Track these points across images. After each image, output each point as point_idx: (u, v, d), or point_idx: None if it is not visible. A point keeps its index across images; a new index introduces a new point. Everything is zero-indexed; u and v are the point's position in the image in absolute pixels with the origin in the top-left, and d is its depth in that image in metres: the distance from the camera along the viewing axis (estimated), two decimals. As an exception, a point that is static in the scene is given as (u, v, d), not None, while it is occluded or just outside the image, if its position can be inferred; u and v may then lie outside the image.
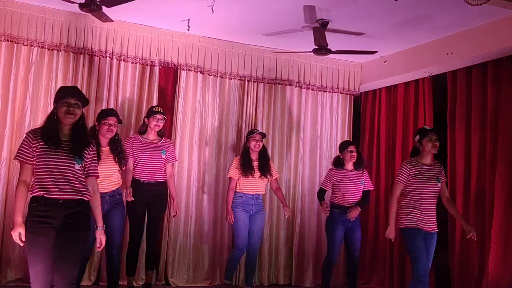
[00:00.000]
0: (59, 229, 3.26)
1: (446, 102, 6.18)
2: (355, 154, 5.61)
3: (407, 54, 6.50)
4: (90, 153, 3.47)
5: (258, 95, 6.79)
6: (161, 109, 5.35)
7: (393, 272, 6.60)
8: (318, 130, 7.09)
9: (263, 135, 5.79)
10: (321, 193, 5.75)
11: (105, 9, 4.82)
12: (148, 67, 6.24)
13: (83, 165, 3.40)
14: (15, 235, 3.21)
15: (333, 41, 5.57)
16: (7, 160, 5.56)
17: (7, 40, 5.59)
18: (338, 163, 5.70)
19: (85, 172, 3.43)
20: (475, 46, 5.59)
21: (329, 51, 5.67)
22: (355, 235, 5.56)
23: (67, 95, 3.40)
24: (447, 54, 5.88)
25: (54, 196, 3.26)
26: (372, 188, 5.92)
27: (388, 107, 7.08)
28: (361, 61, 7.19)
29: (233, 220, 5.53)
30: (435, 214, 4.63)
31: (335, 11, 5.29)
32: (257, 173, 5.64)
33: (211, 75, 6.53)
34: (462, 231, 5.81)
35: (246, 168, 5.59)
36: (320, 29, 5.44)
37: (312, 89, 7.09)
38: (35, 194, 3.28)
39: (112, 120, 4.70)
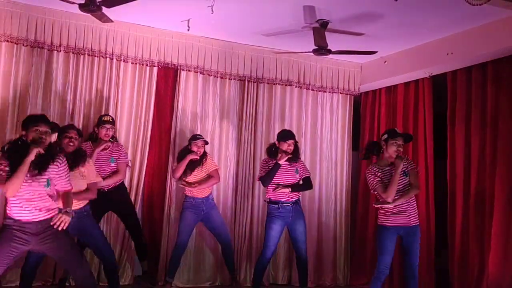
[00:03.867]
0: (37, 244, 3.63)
1: (446, 102, 6.18)
2: (292, 148, 5.27)
3: (407, 54, 6.50)
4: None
5: (258, 95, 6.79)
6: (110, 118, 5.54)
7: (393, 272, 6.60)
8: (318, 130, 7.09)
9: (206, 143, 5.83)
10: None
11: (105, 10, 4.81)
12: (148, 68, 6.24)
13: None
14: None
15: (333, 42, 5.57)
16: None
17: (7, 41, 5.59)
18: (272, 152, 5.35)
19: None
20: (475, 46, 5.59)
21: (329, 52, 5.67)
22: (297, 229, 5.31)
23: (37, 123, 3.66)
24: (447, 54, 5.88)
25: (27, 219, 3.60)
26: (310, 175, 5.51)
27: (388, 107, 7.08)
28: (361, 61, 7.19)
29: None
30: (412, 208, 4.74)
31: (335, 12, 5.28)
32: None
33: (211, 75, 6.53)
34: (462, 231, 5.82)
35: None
36: (320, 29, 5.44)
37: (312, 90, 7.09)
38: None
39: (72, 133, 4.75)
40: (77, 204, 4.50)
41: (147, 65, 6.22)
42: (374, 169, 4.77)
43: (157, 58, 6.25)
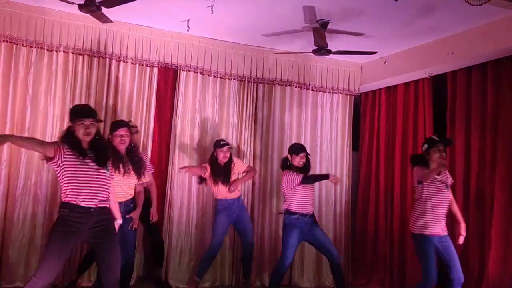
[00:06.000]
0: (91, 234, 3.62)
1: (446, 102, 6.18)
2: (304, 160, 5.35)
3: (407, 55, 6.50)
4: None
5: (258, 95, 6.79)
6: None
7: (393, 272, 6.60)
8: (318, 131, 7.09)
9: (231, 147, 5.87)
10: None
11: (104, 10, 4.82)
12: (148, 68, 6.24)
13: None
14: None
15: (333, 42, 5.57)
16: (8, 161, 5.56)
17: (7, 41, 5.59)
18: (287, 165, 5.41)
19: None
20: (475, 46, 5.59)
21: (329, 52, 5.67)
22: (319, 235, 5.38)
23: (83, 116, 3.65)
24: (447, 54, 5.88)
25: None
26: None
27: (388, 107, 7.08)
28: (361, 61, 7.19)
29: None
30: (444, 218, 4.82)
31: (335, 12, 5.28)
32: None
33: (211, 75, 6.53)
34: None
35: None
36: (320, 29, 5.44)
37: (312, 90, 7.09)
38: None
39: (123, 131, 4.65)
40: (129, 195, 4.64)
41: (147, 65, 6.22)
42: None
43: (157, 59, 6.24)
